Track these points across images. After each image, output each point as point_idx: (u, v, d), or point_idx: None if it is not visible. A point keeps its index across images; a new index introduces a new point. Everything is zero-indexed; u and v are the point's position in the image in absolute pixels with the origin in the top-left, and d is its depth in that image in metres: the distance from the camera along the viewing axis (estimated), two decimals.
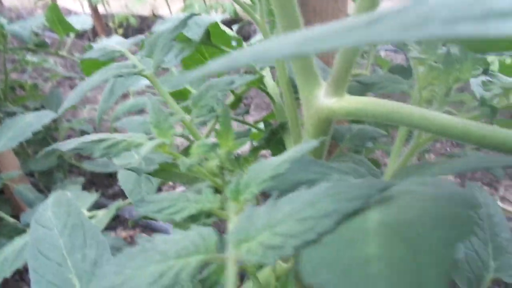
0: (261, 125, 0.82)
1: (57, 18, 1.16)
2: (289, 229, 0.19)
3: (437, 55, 0.33)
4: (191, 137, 0.43)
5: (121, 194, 1.50)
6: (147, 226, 1.11)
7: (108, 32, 3.35)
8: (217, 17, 0.82)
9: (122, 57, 0.40)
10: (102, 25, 3.22)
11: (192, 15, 0.42)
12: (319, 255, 0.17)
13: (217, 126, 0.52)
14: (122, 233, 1.10)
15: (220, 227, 1.00)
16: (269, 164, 0.25)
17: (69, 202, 0.49)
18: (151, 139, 0.29)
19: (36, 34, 1.36)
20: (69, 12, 3.78)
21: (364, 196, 0.19)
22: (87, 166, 1.44)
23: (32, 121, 0.95)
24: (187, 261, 0.21)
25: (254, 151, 0.46)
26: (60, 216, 0.47)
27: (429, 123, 0.26)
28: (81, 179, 1.37)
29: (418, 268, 0.14)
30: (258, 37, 0.78)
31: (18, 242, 0.71)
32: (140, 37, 0.43)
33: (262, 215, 0.21)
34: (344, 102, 0.30)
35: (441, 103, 0.33)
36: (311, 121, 0.32)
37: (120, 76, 0.35)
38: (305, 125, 0.34)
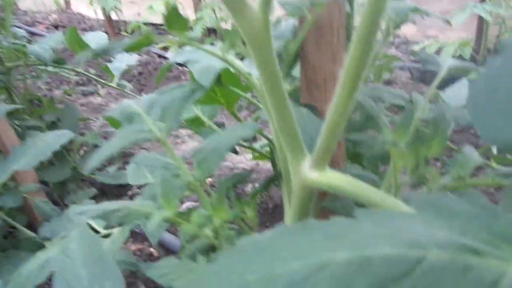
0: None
1: (75, 40, 1.23)
2: None
3: (407, 135, 0.39)
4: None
5: None
6: (158, 241, 1.18)
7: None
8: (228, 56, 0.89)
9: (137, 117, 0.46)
10: (115, 33, 3.30)
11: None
12: None
13: None
14: (132, 246, 1.16)
15: None
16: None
17: (91, 238, 0.55)
18: (159, 208, 0.36)
19: (54, 51, 1.44)
20: (83, 18, 3.87)
21: None
22: (99, 177, 1.52)
23: (51, 141, 1.02)
24: None
25: (253, 196, 0.52)
26: (83, 250, 0.53)
27: (385, 205, 0.32)
28: (93, 190, 1.44)
29: None
30: None
31: (40, 257, 0.77)
32: (155, 98, 0.49)
33: None
34: (325, 177, 0.36)
35: (411, 175, 0.39)
36: (297, 187, 0.39)
37: (137, 142, 0.42)
38: (293, 188, 0.40)
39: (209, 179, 1.51)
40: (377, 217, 0.22)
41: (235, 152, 0.83)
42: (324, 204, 0.54)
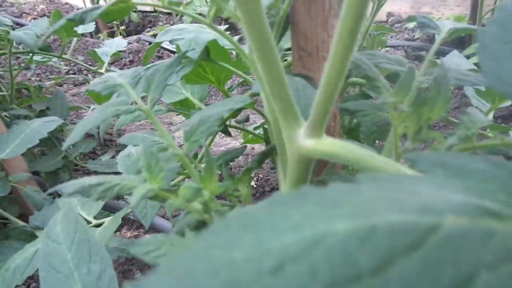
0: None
1: None
2: None
3: (409, 96, 0.36)
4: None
5: None
6: (152, 227, 1.16)
7: (110, 28, 3.37)
8: (221, 27, 0.85)
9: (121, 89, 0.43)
10: (104, 22, 3.24)
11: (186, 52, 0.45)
12: None
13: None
14: (127, 234, 1.14)
15: None
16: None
17: (76, 218, 0.53)
18: (144, 181, 0.33)
19: (38, 37, 1.39)
20: (72, 8, 3.80)
21: None
22: (91, 166, 1.49)
23: (39, 128, 0.98)
24: None
25: (246, 171, 0.49)
26: (68, 232, 0.51)
27: (384, 170, 0.29)
28: None
29: None
30: None
31: (29, 250, 0.75)
32: (139, 70, 0.46)
33: None
34: (321, 145, 0.33)
35: (413, 141, 0.36)
36: (292, 157, 0.36)
37: (118, 114, 0.39)
38: (289, 159, 0.37)
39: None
40: (381, 181, 0.19)
41: (228, 133, 0.80)
42: (320, 178, 0.51)
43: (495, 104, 0.87)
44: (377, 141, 0.78)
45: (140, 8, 3.61)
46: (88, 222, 0.92)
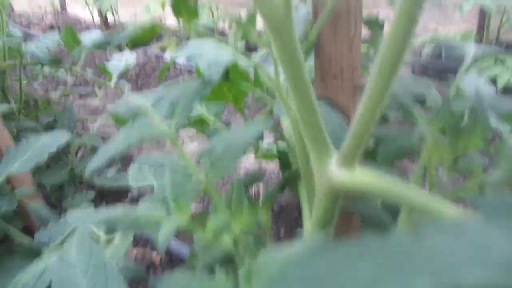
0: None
1: (72, 39, 1.19)
2: None
3: (445, 123, 0.35)
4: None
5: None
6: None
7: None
8: (237, 46, 0.84)
9: (142, 112, 0.42)
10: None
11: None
12: None
13: None
14: (133, 250, 1.12)
15: None
16: (279, 257, 0.27)
17: (91, 242, 0.51)
18: (169, 214, 0.32)
19: (49, 49, 1.39)
20: (79, 20, 3.82)
21: None
22: (97, 180, 1.47)
23: (47, 143, 0.97)
24: None
25: (268, 198, 0.48)
26: (84, 255, 0.49)
27: (426, 206, 0.28)
28: (92, 193, 1.40)
29: None
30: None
31: (37, 266, 0.73)
32: (162, 92, 0.45)
33: None
34: (355, 177, 0.32)
35: (449, 171, 0.35)
36: (322, 189, 0.35)
37: (143, 140, 0.38)
38: (317, 190, 0.36)
39: None
40: (449, 230, 0.18)
41: None
42: (344, 207, 0.50)
43: None
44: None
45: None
46: (97, 236, 0.90)
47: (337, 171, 0.33)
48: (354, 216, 0.60)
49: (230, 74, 0.64)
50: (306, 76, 0.33)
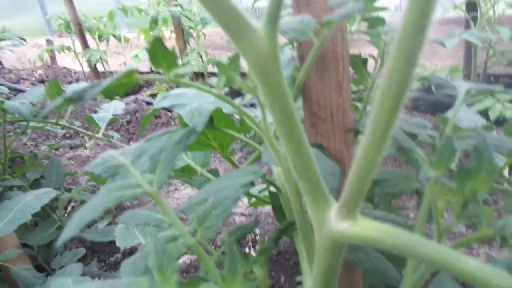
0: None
1: (57, 92, 1.17)
2: None
3: (449, 167, 0.32)
4: None
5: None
6: None
7: None
8: (220, 91, 0.83)
9: (124, 169, 0.39)
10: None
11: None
12: None
13: None
14: None
15: None
16: None
17: None
18: (152, 286, 0.28)
19: (33, 105, 1.37)
20: (69, 72, 3.86)
21: None
22: (87, 235, 1.41)
23: (32, 202, 0.93)
24: None
25: (263, 252, 0.44)
26: None
27: (443, 262, 0.25)
28: (82, 250, 1.34)
29: None
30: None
31: None
32: (143, 147, 0.42)
33: None
34: (357, 228, 0.29)
35: (459, 218, 0.32)
36: (323, 243, 0.31)
37: (123, 201, 0.34)
38: (317, 244, 0.32)
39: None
40: None
41: None
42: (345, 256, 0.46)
43: (510, 159, 0.83)
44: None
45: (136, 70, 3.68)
46: None
47: (338, 223, 0.30)
48: (355, 267, 0.56)
49: (215, 121, 0.62)
50: (298, 122, 0.31)
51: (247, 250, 1.30)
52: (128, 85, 0.40)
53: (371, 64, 0.91)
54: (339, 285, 0.39)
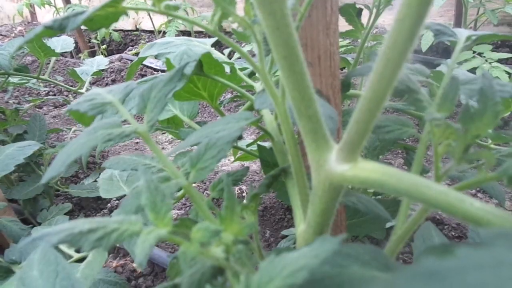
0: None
1: (37, 44, 1.12)
2: None
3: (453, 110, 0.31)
4: None
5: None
6: None
7: (91, 47, 3.30)
8: (207, 41, 0.79)
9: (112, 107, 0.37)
10: (85, 41, 3.17)
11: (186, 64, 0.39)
12: None
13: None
14: (113, 263, 1.05)
15: None
16: (283, 267, 0.22)
17: (57, 259, 0.45)
18: (145, 224, 0.26)
19: (14, 58, 1.31)
20: None
21: None
22: (73, 191, 1.40)
23: (14, 154, 0.91)
24: None
25: (254, 197, 0.43)
26: (48, 278, 0.43)
27: (446, 203, 0.24)
28: (68, 205, 1.32)
29: None
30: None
31: None
32: (131, 85, 0.40)
33: None
34: (358, 170, 0.28)
35: (459, 161, 0.31)
36: (321, 186, 0.30)
37: (111, 139, 0.32)
38: (314, 187, 0.31)
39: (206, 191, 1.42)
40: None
41: None
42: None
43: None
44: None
45: (121, 27, 3.56)
46: (69, 257, 0.83)
47: (338, 165, 0.29)
48: (340, 210, 0.56)
49: (204, 67, 0.59)
50: (301, 59, 0.29)
51: None
52: (114, 17, 0.37)
53: (365, 14, 0.88)
54: None
